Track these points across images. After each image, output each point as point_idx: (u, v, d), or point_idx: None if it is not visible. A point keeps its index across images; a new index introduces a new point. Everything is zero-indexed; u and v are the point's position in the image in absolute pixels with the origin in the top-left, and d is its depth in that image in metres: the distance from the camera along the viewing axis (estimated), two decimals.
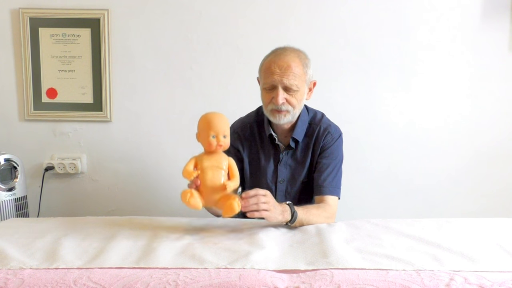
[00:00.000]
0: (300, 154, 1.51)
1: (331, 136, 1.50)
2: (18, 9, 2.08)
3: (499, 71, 2.09)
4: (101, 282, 0.86)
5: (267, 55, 1.44)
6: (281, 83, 1.36)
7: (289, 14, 2.08)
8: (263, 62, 1.44)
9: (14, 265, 0.97)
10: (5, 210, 1.88)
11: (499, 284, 0.84)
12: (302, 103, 1.45)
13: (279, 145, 1.51)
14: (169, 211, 2.14)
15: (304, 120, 1.50)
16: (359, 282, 0.85)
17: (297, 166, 1.51)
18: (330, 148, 1.49)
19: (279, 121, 1.42)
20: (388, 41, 2.09)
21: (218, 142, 1.17)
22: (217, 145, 1.17)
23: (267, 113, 1.45)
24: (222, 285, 0.84)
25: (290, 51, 1.41)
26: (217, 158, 1.20)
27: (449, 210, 2.11)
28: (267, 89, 1.40)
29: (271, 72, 1.37)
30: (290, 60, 1.37)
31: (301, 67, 1.39)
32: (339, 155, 1.52)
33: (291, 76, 1.36)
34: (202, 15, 2.08)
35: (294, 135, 1.48)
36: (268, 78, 1.38)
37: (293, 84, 1.37)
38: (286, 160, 1.51)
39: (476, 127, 2.12)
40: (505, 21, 2.06)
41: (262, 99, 1.45)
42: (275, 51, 1.42)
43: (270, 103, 1.41)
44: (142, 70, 2.12)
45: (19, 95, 2.14)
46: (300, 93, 1.41)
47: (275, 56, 1.40)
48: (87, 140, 2.16)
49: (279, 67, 1.36)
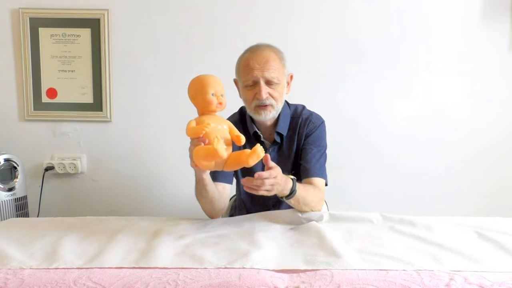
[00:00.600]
0: (286, 148, 1.52)
1: (313, 123, 1.51)
2: (18, 9, 2.08)
3: (499, 71, 2.09)
4: (101, 282, 0.86)
5: (242, 54, 1.45)
6: (262, 77, 1.38)
7: (289, 14, 2.08)
8: (239, 61, 1.45)
9: (14, 265, 0.97)
10: (5, 210, 1.88)
11: (499, 284, 0.84)
12: (283, 97, 1.47)
13: (265, 142, 1.52)
14: (169, 211, 2.14)
15: (286, 114, 1.51)
16: (359, 282, 0.85)
17: (284, 160, 1.51)
18: (312, 135, 1.50)
19: (264, 117, 1.43)
20: (388, 41, 2.09)
21: (218, 100, 1.14)
22: (217, 103, 1.14)
23: (251, 111, 1.45)
24: (222, 285, 0.84)
25: (265, 46, 1.43)
26: (218, 118, 1.16)
27: (449, 209, 2.11)
28: (249, 86, 1.41)
29: (251, 68, 1.38)
30: (267, 54, 1.40)
31: (279, 61, 1.41)
32: (323, 141, 1.53)
33: (271, 69, 1.38)
34: (202, 15, 2.09)
35: (278, 129, 1.48)
36: (249, 74, 1.39)
37: (274, 77, 1.39)
38: (273, 156, 1.51)
39: (476, 127, 2.13)
40: (505, 21, 2.06)
41: (244, 97, 1.46)
42: (250, 49, 1.44)
43: (254, 100, 1.41)
44: (142, 70, 2.12)
45: (19, 95, 2.14)
46: (281, 86, 1.42)
47: (251, 53, 1.41)
48: (87, 140, 2.16)
49: (258, 62, 1.38)
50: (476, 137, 2.13)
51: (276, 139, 1.50)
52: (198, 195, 1.37)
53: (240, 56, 1.46)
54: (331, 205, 1.84)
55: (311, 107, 1.60)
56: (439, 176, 2.14)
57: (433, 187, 2.15)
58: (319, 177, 1.46)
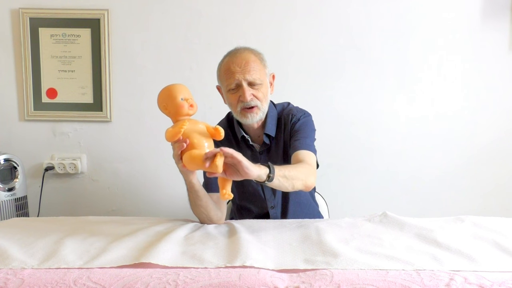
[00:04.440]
0: (275, 148, 1.51)
1: (295, 116, 1.50)
2: (18, 9, 2.08)
3: (499, 71, 2.09)
4: (101, 282, 0.86)
5: (222, 60, 1.45)
6: (244, 80, 1.38)
7: (289, 14, 2.08)
8: (220, 67, 1.45)
9: (16, 265, 0.97)
10: (5, 210, 1.88)
11: (499, 284, 0.84)
12: (268, 97, 1.46)
13: (254, 145, 1.51)
14: (169, 211, 2.14)
15: (272, 115, 1.51)
16: (359, 282, 0.85)
17: (275, 161, 1.49)
18: (297, 124, 1.48)
19: (251, 120, 1.42)
20: (388, 41, 2.09)
21: (189, 102, 1.16)
22: (188, 106, 1.16)
23: (237, 115, 1.45)
24: (222, 285, 0.84)
25: (243, 49, 1.44)
26: (192, 120, 1.18)
27: (449, 209, 2.11)
28: (232, 90, 1.41)
29: (232, 71, 1.38)
30: (246, 56, 1.40)
31: (259, 61, 1.42)
32: (309, 126, 1.49)
33: (252, 70, 1.38)
34: (202, 15, 2.09)
35: (266, 131, 1.48)
36: (231, 78, 1.39)
37: (256, 78, 1.39)
38: (264, 158, 1.50)
39: (476, 127, 2.12)
40: (505, 21, 2.06)
41: (229, 102, 1.45)
42: (229, 54, 1.45)
43: (239, 103, 1.41)
44: (142, 70, 2.12)
45: (19, 95, 2.14)
46: (264, 87, 1.42)
47: (231, 57, 1.42)
48: (87, 140, 2.16)
49: (238, 65, 1.38)
50: (476, 137, 2.13)
51: (265, 140, 1.49)
52: (193, 205, 1.37)
53: (220, 62, 1.46)
54: (331, 206, 1.84)
55: (311, 107, 1.60)
56: (439, 176, 2.14)
57: (433, 187, 2.15)
58: (307, 149, 1.41)
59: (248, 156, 1.48)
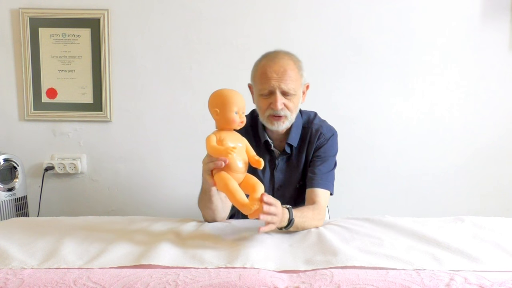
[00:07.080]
0: (295, 158, 1.49)
1: (324, 136, 1.48)
2: (18, 9, 2.08)
3: (499, 71, 2.09)
4: (101, 282, 0.86)
5: (259, 60, 1.41)
6: (279, 88, 1.34)
7: (289, 14, 2.08)
8: (256, 67, 1.41)
9: (16, 265, 0.97)
10: (5, 210, 1.88)
11: (499, 284, 0.84)
12: (298, 108, 1.44)
13: (274, 151, 1.49)
14: (169, 211, 2.14)
15: (298, 124, 1.48)
16: (359, 282, 0.85)
17: (292, 170, 1.49)
18: (323, 147, 1.47)
19: (277, 127, 1.40)
20: (388, 41, 2.09)
21: (241, 118, 1.13)
22: (239, 122, 1.13)
23: (264, 119, 1.42)
24: (222, 285, 0.84)
25: (283, 54, 1.39)
26: (237, 136, 1.16)
27: (449, 209, 2.11)
28: (264, 95, 1.37)
29: (268, 77, 1.34)
30: (285, 64, 1.35)
31: (296, 70, 1.38)
32: (333, 152, 1.50)
33: (288, 80, 1.34)
34: (202, 15, 2.09)
35: (289, 140, 1.45)
36: (265, 83, 1.35)
37: (291, 88, 1.35)
38: (281, 166, 1.49)
39: (476, 127, 2.12)
40: (505, 21, 2.06)
41: (259, 105, 1.42)
42: (267, 56, 1.40)
43: (268, 109, 1.38)
44: (142, 70, 2.12)
45: (19, 95, 2.14)
46: (297, 97, 1.39)
47: (269, 61, 1.37)
48: (87, 140, 2.16)
49: (276, 71, 1.34)
50: (476, 137, 2.12)
51: (286, 149, 1.47)
52: (202, 205, 1.35)
53: (257, 62, 1.42)
54: (331, 205, 1.84)
55: (311, 107, 1.60)
56: (439, 176, 2.14)
57: (433, 187, 2.15)
58: (323, 188, 1.41)
59: (266, 160, 1.48)
